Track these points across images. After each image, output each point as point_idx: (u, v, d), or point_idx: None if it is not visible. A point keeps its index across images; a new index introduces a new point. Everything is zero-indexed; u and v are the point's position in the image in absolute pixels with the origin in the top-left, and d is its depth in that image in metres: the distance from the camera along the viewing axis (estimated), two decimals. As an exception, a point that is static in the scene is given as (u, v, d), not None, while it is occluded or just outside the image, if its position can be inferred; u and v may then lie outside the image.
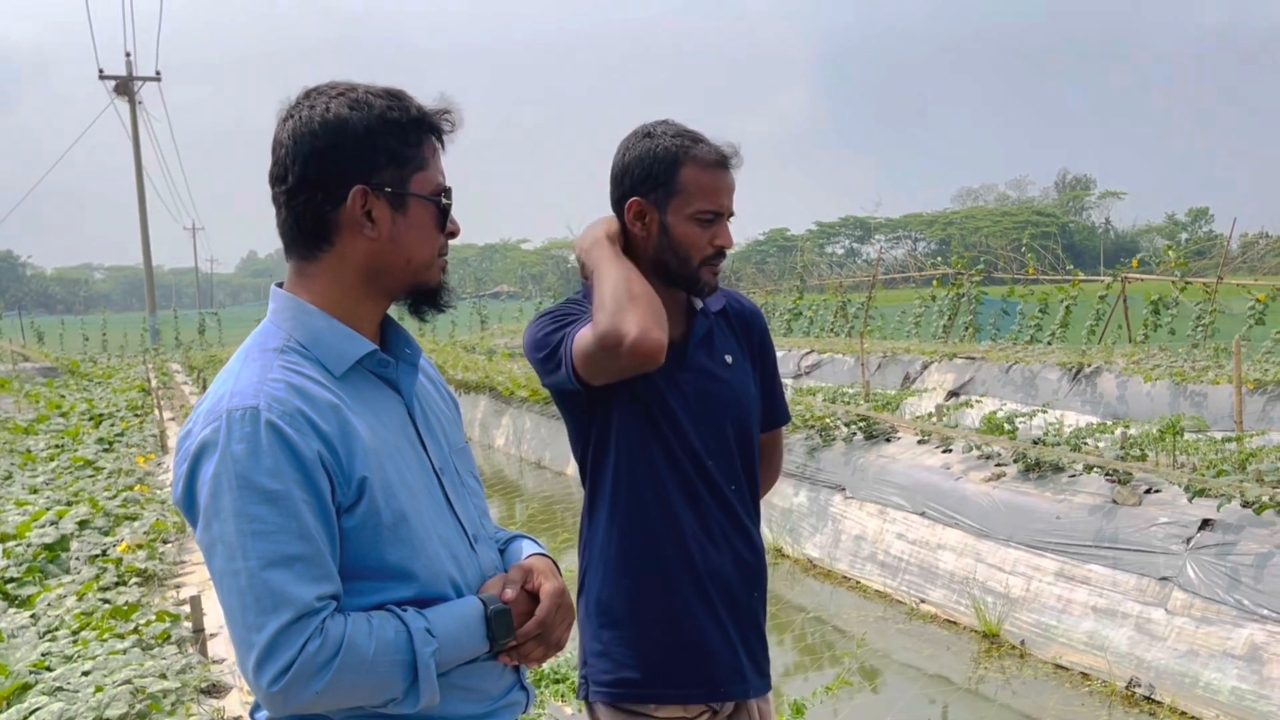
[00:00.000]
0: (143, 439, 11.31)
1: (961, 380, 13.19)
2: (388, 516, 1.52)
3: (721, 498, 2.22)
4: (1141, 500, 5.92)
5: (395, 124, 1.57)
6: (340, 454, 1.48)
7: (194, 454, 1.46)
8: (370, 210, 1.56)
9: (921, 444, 7.96)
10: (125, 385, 18.14)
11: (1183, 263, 15.35)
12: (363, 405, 1.57)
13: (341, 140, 1.54)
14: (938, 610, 6.76)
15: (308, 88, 1.61)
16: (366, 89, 1.59)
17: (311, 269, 1.60)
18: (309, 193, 1.56)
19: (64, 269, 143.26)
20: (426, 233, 1.62)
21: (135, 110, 36.35)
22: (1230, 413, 8.50)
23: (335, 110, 1.55)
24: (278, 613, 1.39)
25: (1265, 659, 4.84)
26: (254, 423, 1.43)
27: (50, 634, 4.50)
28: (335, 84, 1.61)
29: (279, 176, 1.58)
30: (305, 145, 1.55)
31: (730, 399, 2.24)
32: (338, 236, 1.57)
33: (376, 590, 1.52)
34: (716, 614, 2.21)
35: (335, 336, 1.58)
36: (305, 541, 1.43)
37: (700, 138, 2.16)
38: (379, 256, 1.59)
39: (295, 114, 1.57)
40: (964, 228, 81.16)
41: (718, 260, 2.18)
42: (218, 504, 1.42)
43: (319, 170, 1.55)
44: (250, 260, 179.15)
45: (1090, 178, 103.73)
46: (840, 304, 23.55)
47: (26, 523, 6.28)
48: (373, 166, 1.56)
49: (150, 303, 37.08)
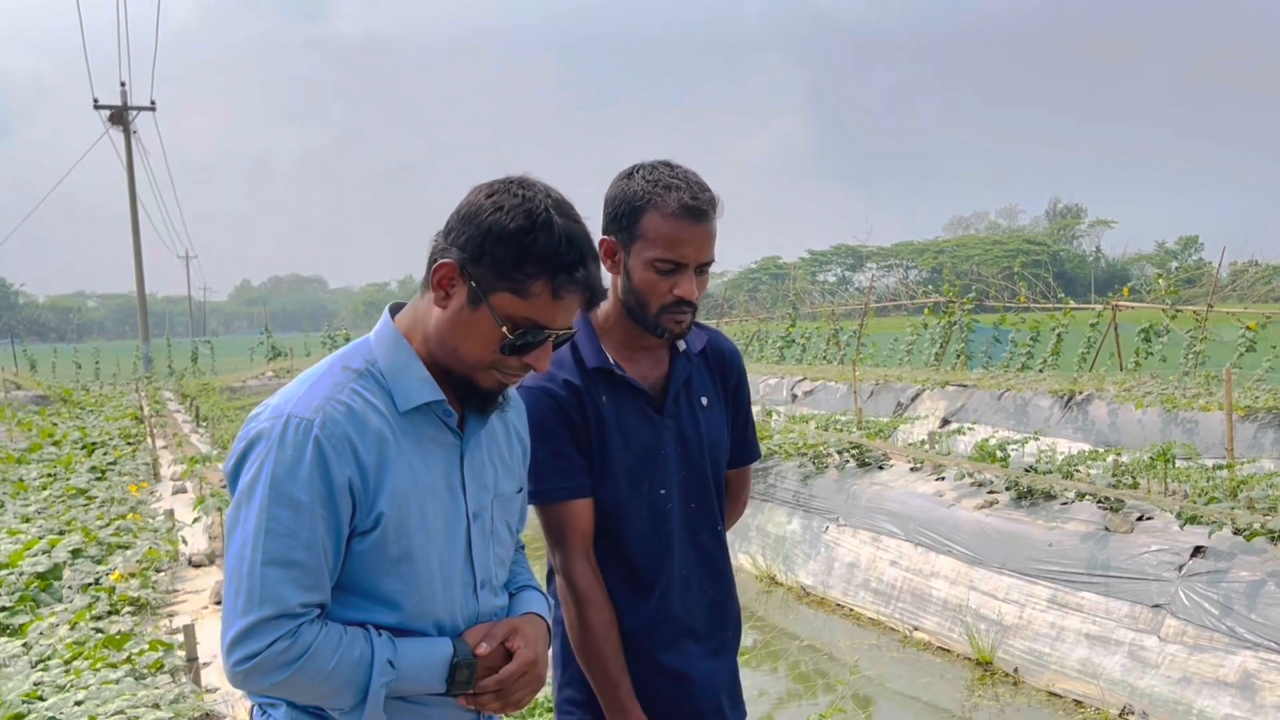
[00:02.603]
0: (135, 467, 11.29)
1: (954, 408, 13.22)
2: (394, 552, 1.65)
3: (702, 539, 2.27)
4: (1134, 528, 5.94)
5: (521, 246, 1.61)
6: (370, 485, 1.62)
7: (251, 438, 1.62)
8: (453, 286, 1.65)
9: (914, 471, 7.98)
10: (118, 413, 18.11)
11: (1173, 291, 15.43)
12: (413, 444, 1.68)
13: (478, 222, 1.63)
14: (931, 638, 6.75)
15: (528, 178, 1.68)
16: (547, 197, 1.65)
17: (424, 302, 1.72)
18: (440, 239, 1.68)
19: (57, 296, 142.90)
20: (482, 341, 1.66)
21: (130, 139, 36.42)
22: (1221, 440, 8.52)
23: (506, 200, 1.63)
24: (262, 606, 1.55)
25: (1258, 687, 4.85)
26: (305, 434, 1.58)
27: (43, 663, 4.48)
28: (535, 184, 1.67)
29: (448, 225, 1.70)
30: (465, 209, 1.65)
31: (706, 443, 2.27)
32: (428, 289, 1.69)
33: (364, 609, 1.66)
34: (700, 650, 2.25)
35: (410, 378, 1.69)
36: (309, 551, 1.58)
37: (675, 185, 2.08)
38: (440, 329, 1.68)
39: (494, 185, 1.66)
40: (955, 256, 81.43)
41: (679, 309, 2.13)
42: (251, 494, 1.58)
43: (455, 230, 1.65)
44: (243, 288, 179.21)
45: (1081, 206, 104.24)
46: (833, 331, 23.59)
47: (19, 551, 6.26)
48: (478, 258, 1.62)
49: (143, 331, 37.01)
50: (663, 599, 2.21)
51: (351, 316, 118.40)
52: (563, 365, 2.18)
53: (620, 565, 2.20)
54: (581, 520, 2.17)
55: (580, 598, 2.14)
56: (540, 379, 2.15)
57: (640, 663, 2.19)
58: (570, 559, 2.17)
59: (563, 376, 2.17)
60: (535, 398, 2.15)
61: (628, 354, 2.22)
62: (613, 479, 2.18)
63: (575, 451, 2.16)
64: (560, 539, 2.17)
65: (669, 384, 2.24)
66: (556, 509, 2.16)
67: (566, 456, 2.15)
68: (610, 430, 2.17)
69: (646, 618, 2.20)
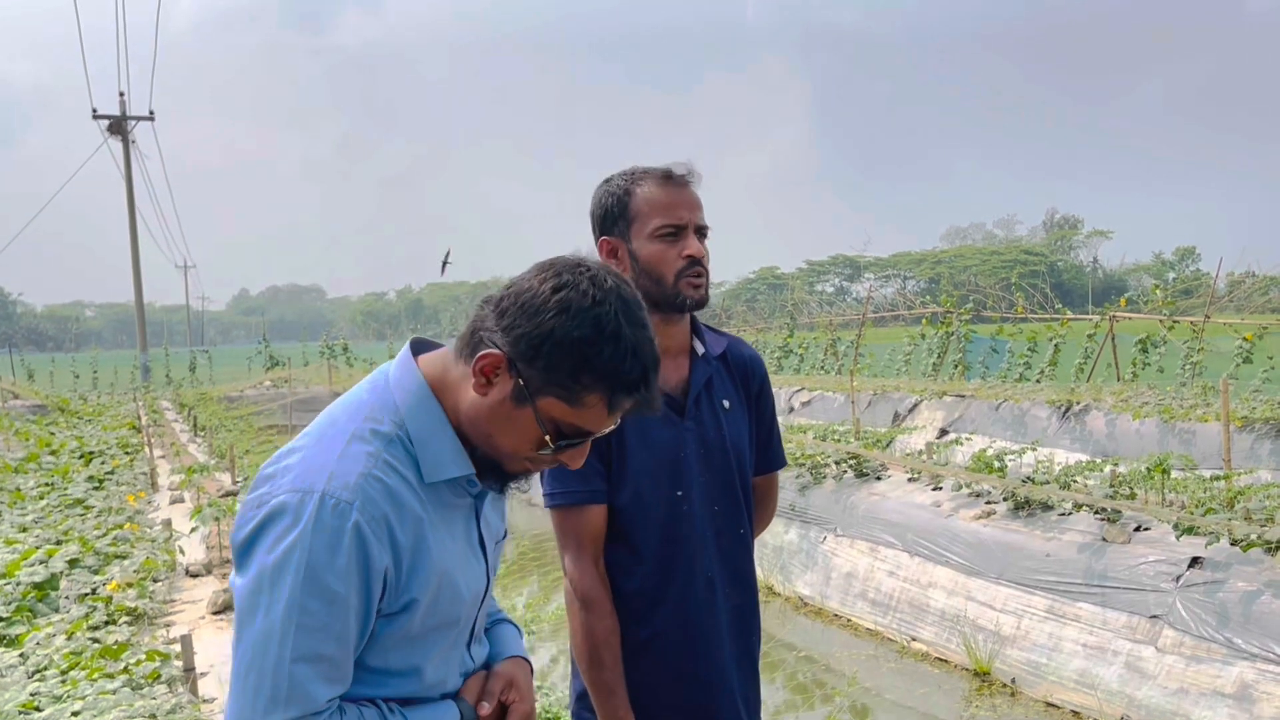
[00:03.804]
0: (133, 477, 11.28)
1: (951, 418, 13.24)
2: (417, 630, 1.55)
3: (724, 543, 2.26)
4: (1131, 538, 5.95)
5: (583, 358, 1.46)
6: (404, 570, 1.50)
7: (272, 511, 1.45)
8: (496, 376, 1.51)
9: (912, 482, 7.98)
10: (116, 423, 18.08)
11: (1170, 302, 15.49)
12: (440, 516, 1.57)
13: (540, 322, 1.47)
14: (929, 648, 6.75)
15: (601, 271, 1.52)
16: (619, 298, 1.49)
17: (459, 369, 1.56)
18: (490, 314, 1.52)
19: (55, 306, 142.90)
20: (520, 438, 1.54)
21: (128, 149, 36.46)
22: (1218, 450, 8.53)
23: (573, 300, 1.47)
24: (289, 706, 1.42)
25: (1255, 697, 4.85)
26: (343, 519, 1.43)
27: (39, 674, 4.47)
28: (604, 280, 1.50)
29: (499, 296, 1.54)
30: (526, 299, 1.49)
31: (728, 446, 2.27)
32: (468, 365, 1.54)
33: (378, 685, 1.56)
34: (721, 655, 2.24)
35: (440, 448, 1.55)
36: (340, 645, 1.45)
37: (650, 167, 2.21)
38: (475, 412, 1.54)
39: (568, 285, 1.49)
40: (953, 266, 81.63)
41: (693, 271, 2.17)
42: (278, 580, 1.43)
43: (510, 316, 1.50)
44: (242, 298, 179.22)
45: (1078, 217, 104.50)
46: (830, 342, 23.64)
47: (16, 561, 6.26)
48: (531, 358, 1.48)
49: (141, 340, 37.00)
50: (683, 603, 2.20)
51: (349, 326, 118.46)
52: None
53: (638, 568, 2.20)
54: (594, 525, 2.17)
55: (585, 602, 2.15)
56: None
57: (658, 667, 2.19)
58: (579, 563, 2.17)
59: None
60: None
61: None
62: (632, 481, 2.18)
63: (594, 456, 2.15)
64: (572, 542, 2.18)
65: (689, 386, 2.24)
66: (572, 512, 2.17)
67: (585, 460, 2.17)
68: (630, 433, 2.17)
69: (665, 621, 2.19)
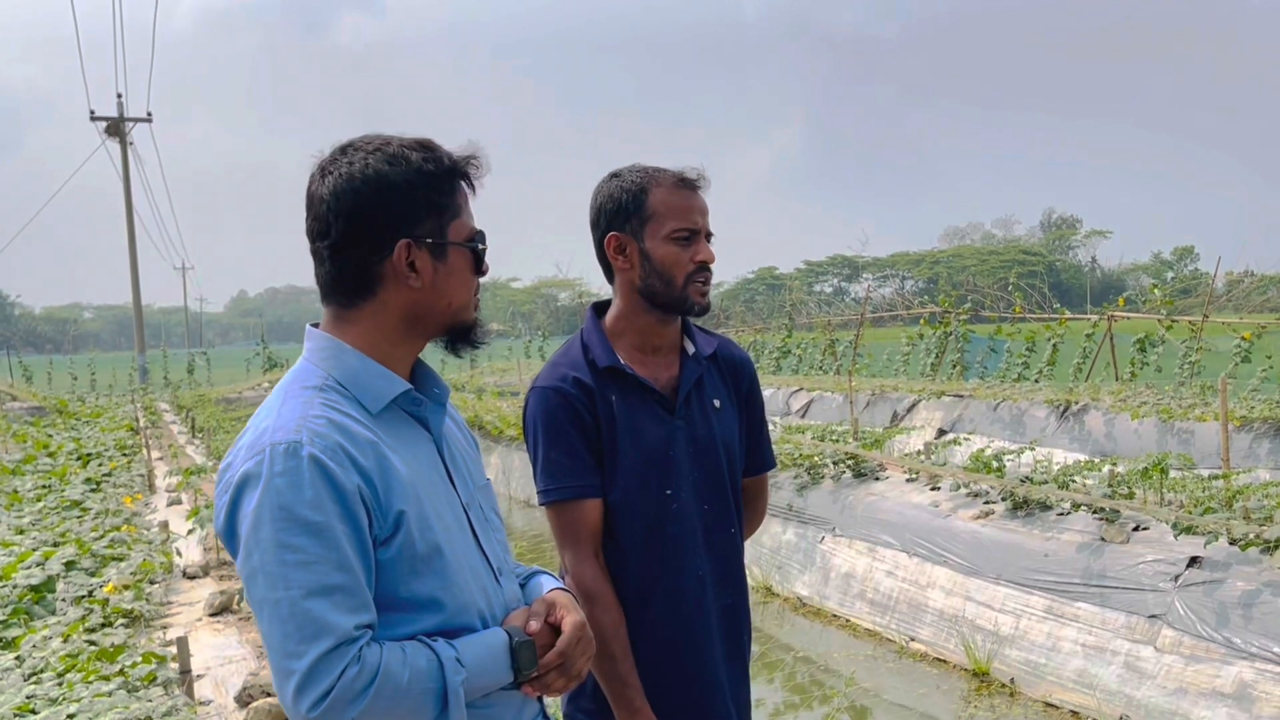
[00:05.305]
0: (131, 479, 11.26)
1: (950, 418, 13.24)
2: (422, 548, 1.56)
3: (714, 541, 2.26)
4: (1129, 538, 5.94)
5: (432, 175, 1.62)
6: (378, 489, 1.53)
7: (236, 485, 1.50)
8: (414, 261, 1.61)
9: (910, 482, 7.98)
10: (113, 425, 18.07)
11: (1168, 301, 15.51)
12: (398, 442, 1.61)
13: (384, 195, 1.59)
14: (927, 648, 6.74)
15: (342, 143, 1.65)
16: (400, 142, 1.63)
17: (351, 315, 1.65)
18: (354, 247, 1.60)
19: (53, 308, 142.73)
20: (465, 277, 1.67)
21: (126, 151, 36.48)
22: (1217, 450, 8.54)
23: (375, 166, 1.59)
24: (318, 640, 1.42)
25: (1255, 697, 4.84)
26: (296, 456, 1.47)
27: (35, 676, 4.46)
28: (369, 138, 1.64)
29: (320, 232, 1.62)
30: (348, 201, 1.59)
31: (718, 444, 2.27)
32: (380, 287, 1.62)
33: (407, 622, 1.55)
34: (712, 653, 2.24)
35: (372, 376, 1.62)
36: (345, 572, 1.47)
37: (663, 168, 2.24)
38: (421, 303, 1.64)
39: (334, 170, 1.61)
40: (951, 266, 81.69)
41: (701, 276, 2.22)
42: (259, 534, 1.46)
43: (364, 225, 1.59)
44: (240, 299, 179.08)
45: (1076, 217, 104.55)
46: (828, 342, 23.65)
47: (12, 564, 6.24)
48: (415, 219, 1.61)
49: (139, 342, 37.00)
50: (673, 601, 2.20)
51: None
52: (574, 365, 2.20)
53: (628, 566, 2.20)
54: (592, 519, 2.18)
55: (589, 596, 2.14)
56: (552, 379, 2.20)
57: (649, 665, 2.18)
58: (580, 558, 2.17)
59: (574, 376, 2.19)
60: (547, 397, 2.17)
61: (639, 356, 2.25)
62: (623, 479, 2.18)
63: (587, 451, 2.17)
64: (570, 538, 2.18)
65: (680, 384, 2.25)
66: (568, 507, 2.17)
67: (579, 456, 2.17)
68: (621, 430, 2.18)
69: (655, 619, 2.19)
